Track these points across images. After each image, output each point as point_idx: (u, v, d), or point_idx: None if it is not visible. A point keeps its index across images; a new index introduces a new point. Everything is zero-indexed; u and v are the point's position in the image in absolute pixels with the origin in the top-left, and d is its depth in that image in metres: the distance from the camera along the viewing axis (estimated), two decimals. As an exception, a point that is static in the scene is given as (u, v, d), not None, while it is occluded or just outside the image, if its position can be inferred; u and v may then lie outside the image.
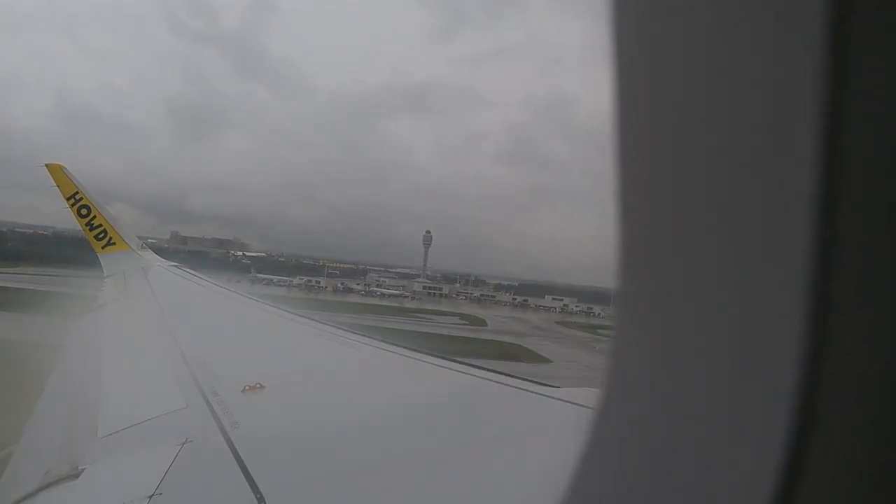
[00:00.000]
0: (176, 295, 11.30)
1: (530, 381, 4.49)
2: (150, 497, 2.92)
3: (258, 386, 4.50)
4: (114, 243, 16.01)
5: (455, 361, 5.28)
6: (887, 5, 0.57)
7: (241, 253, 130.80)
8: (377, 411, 4.16)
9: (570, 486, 0.90)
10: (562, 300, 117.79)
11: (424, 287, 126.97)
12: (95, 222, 16.06)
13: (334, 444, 3.52)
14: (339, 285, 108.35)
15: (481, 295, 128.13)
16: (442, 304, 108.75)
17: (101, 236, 16.02)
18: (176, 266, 15.80)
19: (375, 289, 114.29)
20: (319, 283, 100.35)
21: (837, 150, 0.59)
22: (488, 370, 4.98)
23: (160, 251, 19.04)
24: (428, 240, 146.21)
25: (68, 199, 16.00)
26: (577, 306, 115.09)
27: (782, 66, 0.62)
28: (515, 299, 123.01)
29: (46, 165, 16.20)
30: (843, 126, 0.59)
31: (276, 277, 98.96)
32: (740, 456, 0.67)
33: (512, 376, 4.63)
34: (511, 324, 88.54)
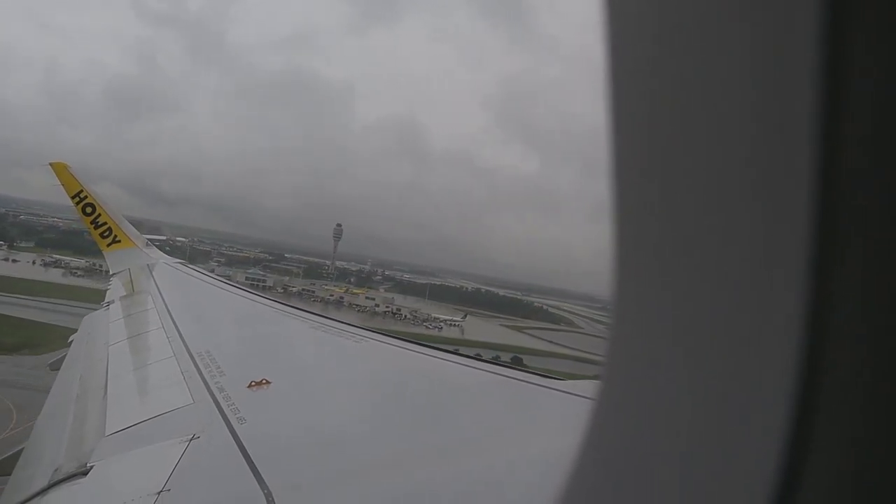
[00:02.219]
0: (181, 291, 11.34)
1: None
2: (159, 493, 2.93)
3: (264, 382, 4.52)
4: (119, 241, 16.08)
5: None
6: (886, 2, 0.56)
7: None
8: None
9: (567, 482, 0.89)
10: (373, 300, 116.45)
11: (247, 278, 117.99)
12: (100, 220, 16.12)
13: (340, 437, 3.53)
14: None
15: (303, 290, 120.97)
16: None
17: (106, 234, 16.08)
18: (181, 262, 15.87)
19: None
20: (103, 266, 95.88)
21: (835, 151, 0.58)
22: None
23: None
24: (338, 233, 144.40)
25: (73, 198, 16.05)
26: (388, 306, 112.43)
27: (779, 66, 0.61)
28: (332, 296, 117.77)
29: (51, 164, 16.24)
30: (841, 126, 0.58)
31: (74, 260, 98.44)
32: (738, 457, 0.67)
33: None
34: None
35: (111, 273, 14.71)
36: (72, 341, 9.09)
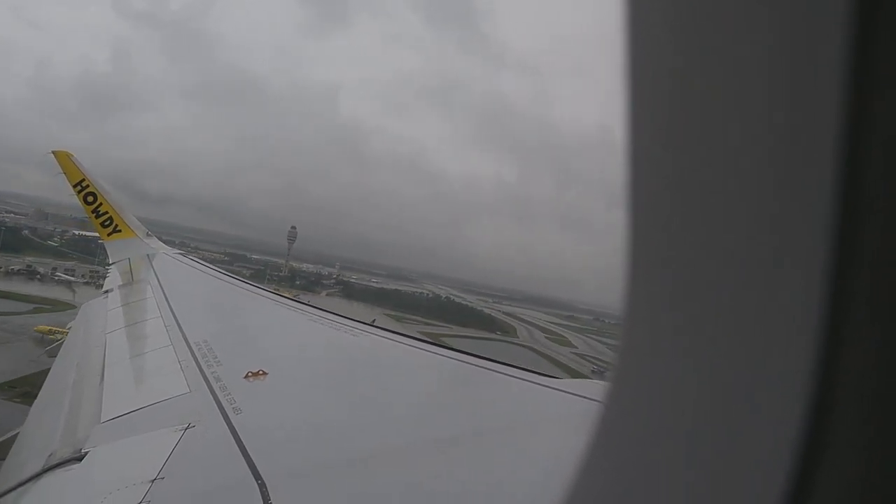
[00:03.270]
0: (180, 282, 11.34)
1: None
2: (153, 481, 2.92)
3: (261, 372, 4.50)
4: (119, 231, 16.08)
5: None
6: None
7: (64, 230, 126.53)
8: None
9: (574, 484, 0.88)
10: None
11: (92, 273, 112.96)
12: (101, 209, 16.11)
13: (335, 428, 3.52)
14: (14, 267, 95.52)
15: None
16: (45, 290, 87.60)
17: (107, 223, 16.08)
18: (181, 253, 15.88)
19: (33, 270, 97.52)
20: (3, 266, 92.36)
21: (859, 155, 0.57)
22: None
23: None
24: (293, 236, 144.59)
25: (75, 187, 16.04)
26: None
27: (803, 67, 0.60)
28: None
29: (53, 152, 16.22)
30: (865, 130, 0.56)
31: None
32: (750, 461, 0.66)
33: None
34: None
35: (111, 262, 14.72)
36: (70, 328, 9.11)
